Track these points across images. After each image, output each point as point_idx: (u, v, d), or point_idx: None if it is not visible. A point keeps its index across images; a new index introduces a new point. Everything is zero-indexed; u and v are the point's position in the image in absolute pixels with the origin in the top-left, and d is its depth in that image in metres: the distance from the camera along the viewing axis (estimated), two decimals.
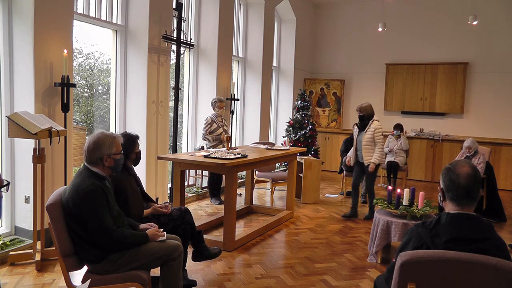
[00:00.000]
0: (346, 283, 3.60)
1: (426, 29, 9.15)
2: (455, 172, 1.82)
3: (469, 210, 1.82)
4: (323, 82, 10.05)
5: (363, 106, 5.63)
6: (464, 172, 1.81)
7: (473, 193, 1.81)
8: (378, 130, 5.54)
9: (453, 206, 1.84)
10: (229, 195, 4.29)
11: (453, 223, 1.78)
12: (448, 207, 1.87)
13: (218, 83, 6.74)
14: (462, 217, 1.79)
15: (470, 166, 1.83)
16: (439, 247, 1.74)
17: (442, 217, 1.82)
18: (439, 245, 1.75)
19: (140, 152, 3.30)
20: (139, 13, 5.22)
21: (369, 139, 5.55)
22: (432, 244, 1.76)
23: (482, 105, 8.79)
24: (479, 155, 5.92)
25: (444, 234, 1.76)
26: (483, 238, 1.74)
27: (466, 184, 1.80)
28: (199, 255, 3.45)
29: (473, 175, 1.81)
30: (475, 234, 1.74)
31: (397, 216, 4.05)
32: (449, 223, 1.79)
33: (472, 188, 1.80)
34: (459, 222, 1.78)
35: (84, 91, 8.69)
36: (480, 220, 1.80)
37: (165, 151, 5.73)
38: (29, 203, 3.99)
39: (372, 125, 5.56)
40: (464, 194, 1.80)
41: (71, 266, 2.52)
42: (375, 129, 5.53)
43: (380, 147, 5.53)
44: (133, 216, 2.97)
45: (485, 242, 1.73)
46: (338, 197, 7.06)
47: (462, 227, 1.77)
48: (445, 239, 1.74)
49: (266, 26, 8.09)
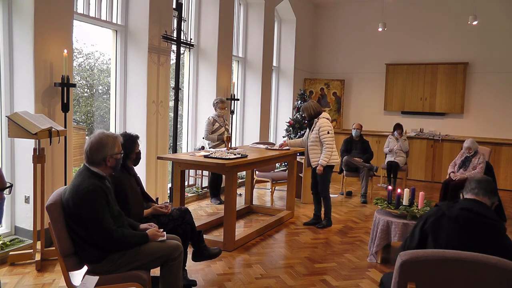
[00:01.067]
0: (346, 283, 3.60)
1: (426, 29, 9.15)
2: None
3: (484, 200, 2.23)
4: (323, 82, 10.05)
5: (304, 107, 5.20)
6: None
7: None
8: (324, 128, 5.01)
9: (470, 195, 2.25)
10: (229, 195, 4.29)
11: (467, 201, 2.20)
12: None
13: (218, 83, 6.74)
14: (475, 200, 2.19)
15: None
16: (453, 213, 2.10)
17: (459, 200, 2.26)
18: (454, 211, 2.12)
19: (140, 152, 3.30)
20: (139, 13, 5.22)
21: (314, 139, 5.08)
22: (447, 210, 2.14)
23: (482, 105, 8.79)
24: (479, 155, 5.92)
25: (459, 205, 2.16)
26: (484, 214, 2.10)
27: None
28: (199, 255, 3.45)
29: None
30: (484, 212, 2.11)
31: (397, 216, 4.05)
32: (462, 201, 2.21)
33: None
34: (473, 202, 2.18)
35: (84, 91, 8.69)
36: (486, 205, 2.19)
37: (165, 151, 5.73)
38: (29, 203, 3.99)
39: (317, 124, 5.07)
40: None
41: (71, 266, 2.53)
42: (320, 128, 5.02)
43: (328, 147, 4.99)
44: (133, 216, 2.97)
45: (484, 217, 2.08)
46: (338, 197, 7.05)
47: (474, 205, 2.16)
48: (459, 207, 2.13)
49: (266, 26, 8.09)
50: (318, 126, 5.04)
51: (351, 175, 7.07)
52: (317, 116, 5.11)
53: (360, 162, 6.87)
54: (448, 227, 2.03)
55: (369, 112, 9.83)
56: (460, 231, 1.98)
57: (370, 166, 6.83)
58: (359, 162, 6.88)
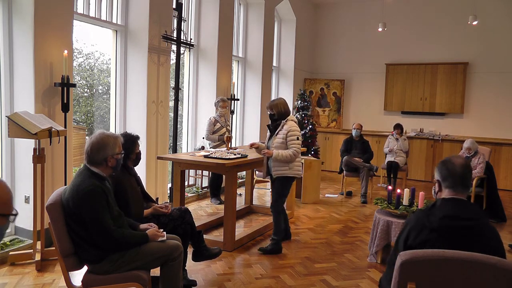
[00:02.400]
0: (346, 283, 3.60)
1: (426, 29, 9.15)
2: (451, 162, 2.06)
3: (463, 196, 2.03)
4: (323, 82, 10.05)
5: (274, 103, 4.28)
6: (459, 163, 2.05)
7: (467, 180, 2.04)
8: (293, 132, 4.16)
9: (449, 193, 2.04)
10: (229, 195, 4.29)
11: (446, 204, 2.00)
12: (444, 194, 2.07)
13: (218, 83, 6.74)
14: (454, 200, 2.01)
15: (463, 159, 2.13)
16: (434, 224, 1.93)
17: (437, 201, 2.04)
18: (434, 222, 1.93)
19: (140, 152, 3.30)
20: (139, 13, 5.22)
21: (279, 144, 4.18)
22: (428, 222, 1.95)
23: (482, 105, 8.79)
24: (479, 155, 5.92)
25: (438, 213, 1.96)
26: (471, 217, 1.94)
27: (461, 172, 2.03)
28: (199, 255, 3.45)
29: (466, 165, 2.08)
30: (464, 214, 1.95)
31: (397, 216, 4.05)
32: (442, 204, 2.01)
33: (466, 176, 2.04)
34: (452, 204, 1.99)
35: (84, 91, 8.70)
36: (469, 203, 2.02)
37: (165, 151, 5.73)
38: (29, 203, 3.99)
39: (284, 127, 4.21)
40: (460, 181, 2.02)
41: (71, 266, 2.52)
42: (289, 131, 4.16)
43: (294, 153, 4.14)
44: (133, 216, 2.97)
45: (472, 221, 1.93)
46: (338, 197, 7.05)
47: (453, 207, 1.98)
48: (439, 216, 1.94)
49: (266, 26, 8.09)
50: (286, 130, 4.18)
51: (351, 175, 7.07)
52: (286, 117, 4.26)
53: (360, 162, 6.87)
54: (431, 239, 1.90)
55: (369, 112, 9.83)
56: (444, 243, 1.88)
57: (370, 166, 6.83)
58: (359, 162, 6.88)
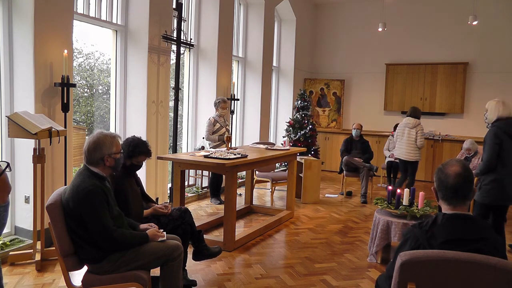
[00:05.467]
0: (346, 283, 3.60)
1: (426, 29, 9.15)
2: (444, 172, 1.84)
3: (462, 209, 1.82)
4: (323, 82, 10.05)
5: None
6: (452, 172, 1.82)
7: (462, 191, 1.81)
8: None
9: (445, 206, 1.85)
10: (229, 195, 4.29)
11: (448, 224, 1.78)
12: (442, 207, 1.88)
13: (218, 83, 6.74)
14: (458, 218, 1.79)
15: (460, 165, 1.84)
16: (435, 248, 1.74)
17: (438, 217, 1.83)
18: (435, 246, 1.75)
19: (140, 166, 3.24)
20: (139, 13, 5.22)
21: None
22: (428, 245, 1.76)
23: (482, 105, 8.67)
24: (479, 156, 5.93)
25: (440, 236, 1.76)
26: (479, 238, 1.73)
27: (454, 183, 1.80)
28: (200, 254, 3.45)
29: (462, 174, 1.81)
30: (470, 235, 1.74)
31: (397, 216, 4.05)
32: (444, 224, 1.79)
33: (461, 187, 1.80)
34: (454, 223, 1.78)
35: (84, 91, 8.70)
36: (475, 220, 1.80)
37: (165, 151, 5.73)
38: (29, 203, 3.99)
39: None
40: (452, 194, 1.81)
41: (71, 266, 2.52)
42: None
43: None
44: (133, 216, 2.97)
45: (481, 242, 1.72)
46: (338, 197, 7.05)
47: (457, 228, 1.76)
48: (440, 240, 1.75)
49: (266, 26, 8.10)
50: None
51: (351, 175, 7.06)
52: None
53: (360, 162, 6.87)
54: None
55: (369, 112, 9.83)
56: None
57: (370, 166, 6.83)
58: (359, 162, 6.88)
